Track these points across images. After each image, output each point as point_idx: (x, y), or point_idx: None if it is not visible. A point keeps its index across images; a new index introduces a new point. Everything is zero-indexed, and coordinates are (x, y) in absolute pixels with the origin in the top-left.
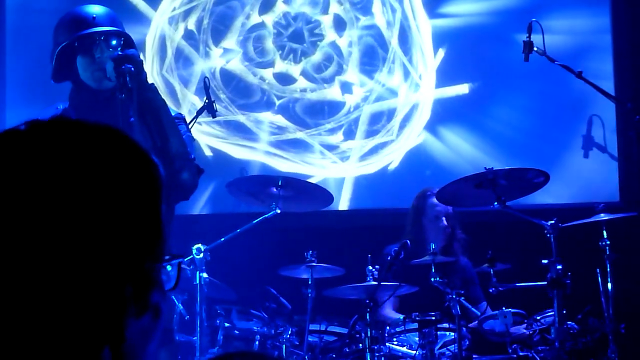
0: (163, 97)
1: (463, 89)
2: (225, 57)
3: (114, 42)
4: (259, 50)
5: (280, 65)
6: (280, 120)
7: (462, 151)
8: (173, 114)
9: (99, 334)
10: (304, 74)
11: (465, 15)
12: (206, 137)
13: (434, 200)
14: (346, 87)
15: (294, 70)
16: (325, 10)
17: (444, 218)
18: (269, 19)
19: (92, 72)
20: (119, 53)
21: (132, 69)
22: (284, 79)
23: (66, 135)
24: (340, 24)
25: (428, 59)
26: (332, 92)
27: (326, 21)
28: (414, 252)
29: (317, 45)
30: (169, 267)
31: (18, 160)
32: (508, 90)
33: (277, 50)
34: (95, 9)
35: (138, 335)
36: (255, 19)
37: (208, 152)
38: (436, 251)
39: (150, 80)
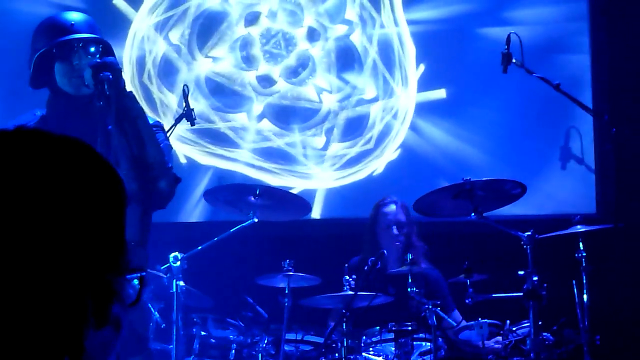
0: (141, 105)
1: (440, 93)
2: (214, 64)
3: (92, 49)
4: (245, 57)
5: (264, 68)
6: (263, 126)
7: (440, 162)
8: (151, 122)
9: (58, 345)
10: (283, 75)
11: (438, 21)
12: (183, 145)
13: (386, 209)
14: (320, 92)
15: (274, 72)
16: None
17: (394, 227)
18: (255, 30)
19: (69, 78)
20: (98, 60)
21: (111, 76)
22: (266, 80)
23: (31, 146)
24: (313, 34)
25: (409, 69)
26: (308, 93)
27: (300, 33)
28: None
29: (295, 52)
30: (135, 281)
31: None
32: (486, 101)
33: (264, 55)
34: (74, 16)
35: (98, 346)
36: (241, 30)
37: (183, 160)
38: (413, 260)
39: (128, 88)
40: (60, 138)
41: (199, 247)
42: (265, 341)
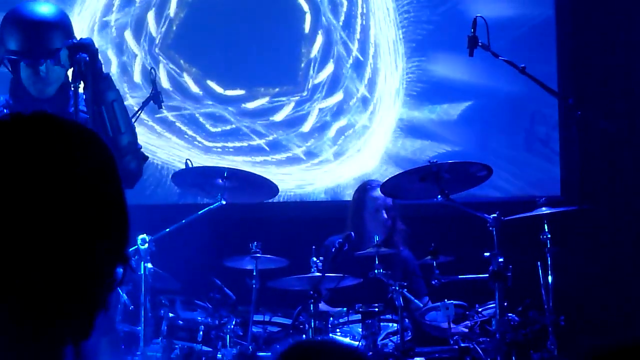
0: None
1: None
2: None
3: (60, 59)
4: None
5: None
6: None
7: (406, 144)
8: None
9: (70, 330)
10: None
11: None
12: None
13: (374, 193)
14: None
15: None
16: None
17: (384, 210)
18: None
19: (34, 82)
20: (74, 41)
21: (87, 58)
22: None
23: (52, 132)
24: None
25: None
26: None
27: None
28: (355, 245)
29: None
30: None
31: (8, 151)
32: (451, 83)
33: None
34: (47, 12)
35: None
36: None
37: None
38: (379, 243)
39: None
40: (74, 125)
41: (167, 229)
42: (233, 323)
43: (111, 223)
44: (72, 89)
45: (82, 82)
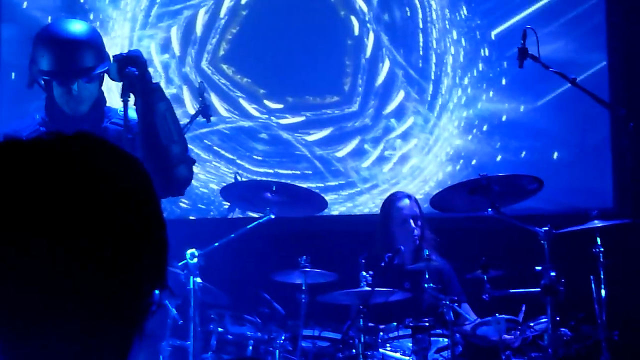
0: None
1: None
2: None
3: (110, 73)
4: None
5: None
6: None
7: (456, 157)
8: None
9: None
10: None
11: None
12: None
13: (400, 203)
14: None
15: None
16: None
17: (411, 221)
18: None
19: (67, 101)
20: (122, 54)
21: (136, 72)
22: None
23: (96, 153)
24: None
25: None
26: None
27: None
28: (381, 257)
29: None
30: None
31: (51, 171)
32: (502, 96)
33: None
34: (79, 32)
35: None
36: None
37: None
38: (429, 257)
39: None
40: (117, 150)
41: (216, 244)
42: (283, 337)
43: (150, 244)
44: (123, 102)
45: (131, 95)
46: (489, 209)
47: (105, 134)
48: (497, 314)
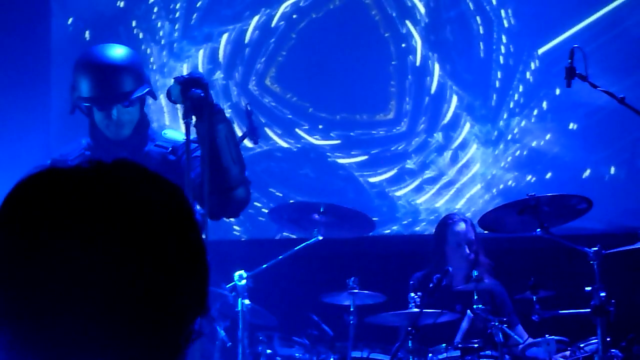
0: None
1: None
2: None
3: (172, 94)
4: None
5: None
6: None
7: (507, 176)
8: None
9: None
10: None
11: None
12: None
13: (457, 228)
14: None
15: None
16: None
17: (466, 245)
18: None
19: (107, 125)
20: (185, 76)
21: (202, 94)
22: None
23: (134, 181)
24: None
25: None
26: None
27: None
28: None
29: None
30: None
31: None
32: (548, 115)
33: None
34: (117, 57)
35: None
36: None
37: None
38: (478, 277)
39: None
40: (143, 171)
41: (264, 265)
42: (331, 359)
43: (191, 271)
44: (184, 124)
45: (194, 117)
46: (538, 229)
47: (147, 157)
48: (546, 335)
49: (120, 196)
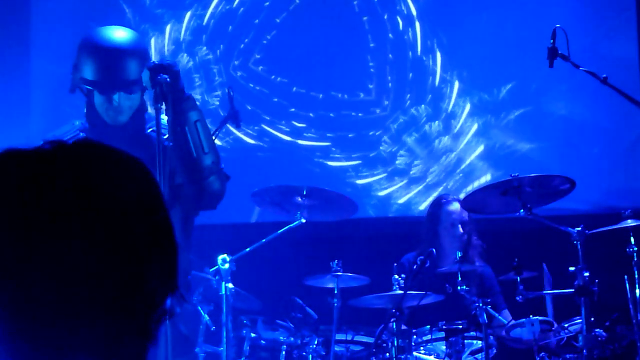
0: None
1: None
2: None
3: (143, 80)
4: None
5: None
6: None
7: (489, 155)
8: None
9: None
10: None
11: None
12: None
13: (450, 207)
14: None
15: None
16: None
17: (459, 225)
18: None
19: (106, 109)
20: (155, 62)
21: (168, 79)
22: None
23: (93, 161)
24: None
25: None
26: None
27: None
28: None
29: None
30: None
31: (47, 179)
32: (529, 96)
33: None
34: (122, 39)
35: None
36: None
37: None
38: (463, 259)
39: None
40: (107, 152)
41: (247, 249)
42: (316, 342)
43: (158, 250)
44: (154, 110)
45: (164, 103)
46: (521, 210)
47: (148, 141)
48: (531, 316)
49: (84, 178)
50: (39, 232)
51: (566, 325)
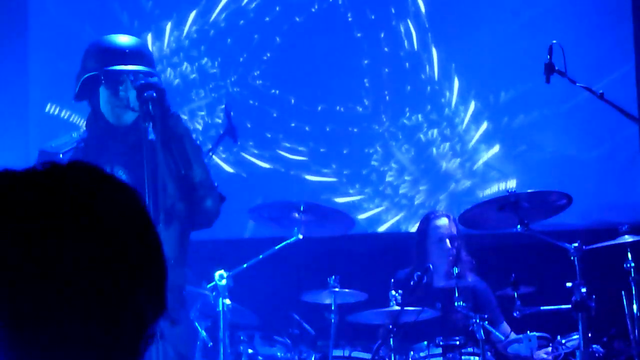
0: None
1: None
2: None
3: (130, 101)
4: None
5: None
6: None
7: (487, 173)
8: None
9: None
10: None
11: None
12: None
13: (437, 222)
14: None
15: None
16: None
17: (447, 240)
18: None
19: (112, 106)
20: (142, 81)
21: (155, 94)
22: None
23: (86, 182)
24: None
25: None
26: None
27: None
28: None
29: None
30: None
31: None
32: (528, 110)
33: None
34: (128, 42)
35: None
36: None
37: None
38: (460, 274)
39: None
40: (99, 176)
41: (245, 265)
42: (313, 358)
43: (147, 273)
44: (142, 129)
45: (151, 123)
46: (518, 226)
47: (153, 145)
48: (528, 331)
49: (76, 199)
50: (30, 249)
51: (563, 341)
